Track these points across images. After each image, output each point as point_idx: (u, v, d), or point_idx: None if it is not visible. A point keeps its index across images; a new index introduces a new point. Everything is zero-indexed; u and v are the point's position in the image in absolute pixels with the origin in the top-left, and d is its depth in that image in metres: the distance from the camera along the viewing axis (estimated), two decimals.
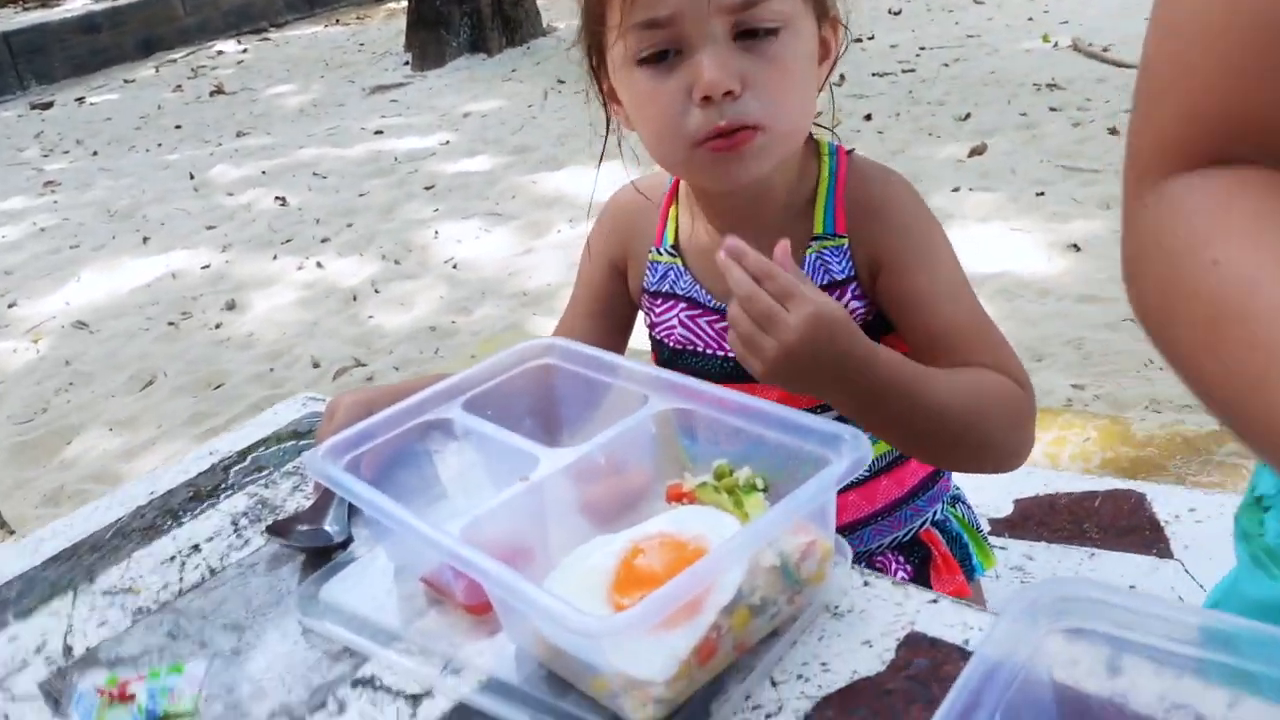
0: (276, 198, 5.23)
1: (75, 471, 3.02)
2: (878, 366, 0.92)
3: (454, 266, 4.12)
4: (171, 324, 3.93)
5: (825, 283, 1.07)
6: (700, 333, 1.13)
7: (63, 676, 0.88)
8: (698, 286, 1.13)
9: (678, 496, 0.90)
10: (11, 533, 2.76)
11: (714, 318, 1.12)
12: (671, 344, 1.16)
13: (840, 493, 0.81)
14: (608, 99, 1.10)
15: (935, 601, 0.83)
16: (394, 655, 0.84)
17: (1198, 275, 0.59)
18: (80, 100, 8.55)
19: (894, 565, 1.19)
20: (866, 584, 0.86)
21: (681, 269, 1.15)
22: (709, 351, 1.13)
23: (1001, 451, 1.00)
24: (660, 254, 1.17)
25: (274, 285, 4.17)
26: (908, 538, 1.21)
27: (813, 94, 1.05)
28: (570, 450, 0.90)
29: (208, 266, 4.44)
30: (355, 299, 3.95)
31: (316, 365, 3.43)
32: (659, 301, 1.17)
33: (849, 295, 1.07)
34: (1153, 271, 0.64)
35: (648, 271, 1.18)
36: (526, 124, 5.99)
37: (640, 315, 1.25)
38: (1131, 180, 0.67)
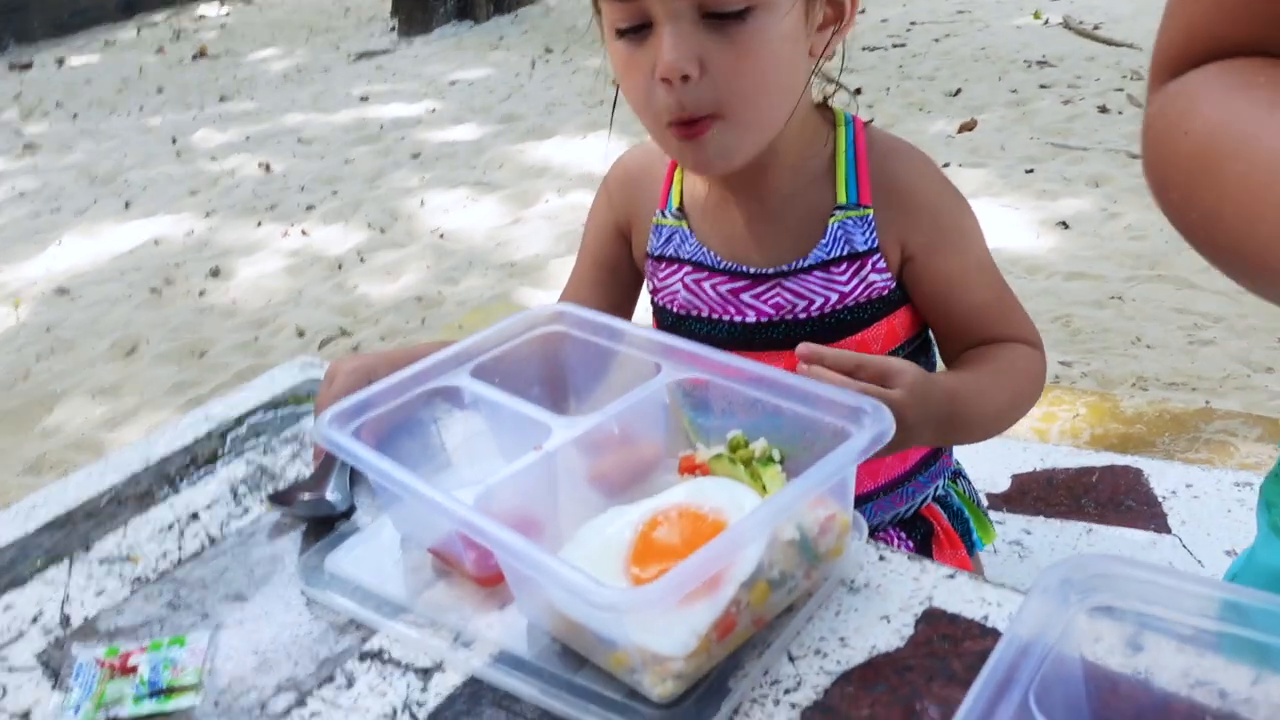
0: (260, 164, 5.17)
1: (57, 440, 2.98)
2: (957, 401, 0.96)
3: (441, 236, 4.08)
4: (154, 290, 3.87)
5: (846, 253, 1.05)
6: (704, 296, 1.11)
7: (61, 647, 0.85)
8: (703, 249, 1.11)
9: (691, 468, 0.89)
10: None
11: (719, 279, 1.10)
12: (675, 309, 1.13)
13: None
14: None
15: (952, 577, 0.82)
16: (402, 627, 0.83)
17: (1179, 143, 0.67)
18: (60, 62, 8.40)
19: (896, 541, 1.19)
20: (882, 558, 0.85)
21: (687, 231, 1.12)
22: (713, 316, 1.10)
23: (1025, 410, 1.07)
24: (665, 217, 1.14)
25: (258, 252, 4.12)
26: (910, 513, 1.21)
27: (792, 77, 0.99)
28: (583, 419, 0.88)
29: (191, 233, 4.39)
30: (340, 267, 3.90)
31: (301, 334, 3.40)
32: (663, 265, 1.14)
33: (869, 267, 1.06)
34: (1150, 157, 0.70)
35: (652, 235, 1.15)
36: (514, 92, 5.93)
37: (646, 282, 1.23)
38: (1149, 87, 0.74)
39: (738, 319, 1.09)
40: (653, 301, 1.18)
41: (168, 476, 1.09)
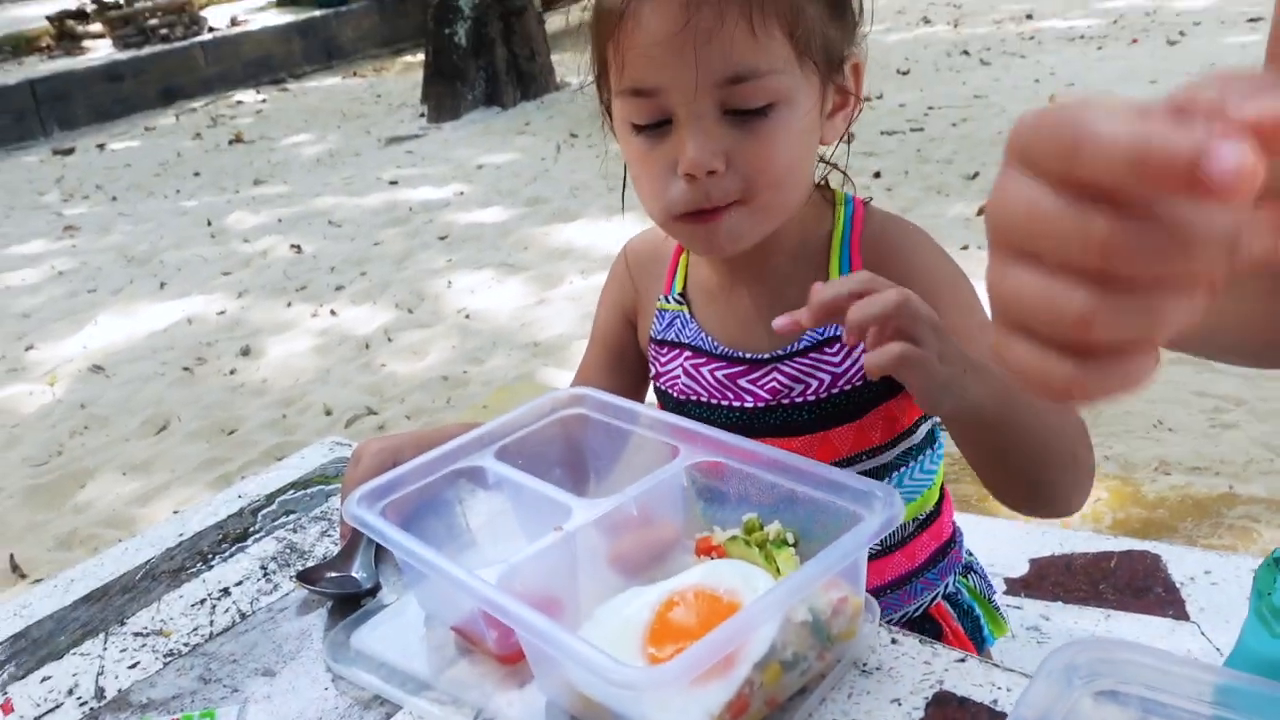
0: (292, 245, 5.29)
1: (88, 516, 3.02)
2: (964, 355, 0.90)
3: (467, 316, 4.15)
4: (186, 369, 3.95)
5: (838, 332, 1.04)
6: (703, 381, 1.11)
7: (95, 719, 0.88)
8: (702, 334, 1.12)
9: (707, 550, 0.91)
10: (23, 577, 2.76)
11: (717, 364, 1.11)
12: (675, 394, 1.14)
13: None
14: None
15: (963, 660, 0.83)
16: (425, 704, 0.85)
17: None
18: (101, 147, 8.67)
19: None
20: (894, 641, 0.86)
21: (688, 317, 1.14)
22: (712, 401, 1.11)
23: (1081, 469, 0.98)
24: (668, 302, 1.16)
25: (288, 332, 4.20)
26: (918, 613, 1.18)
27: (808, 165, 1.02)
28: (603, 501, 0.91)
29: (223, 312, 4.48)
30: (368, 347, 3.97)
31: (329, 413, 3.45)
32: (664, 350, 1.15)
33: (861, 347, 1.03)
34: None
35: (655, 319, 1.17)
36: (539, 176, 6.07)
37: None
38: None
39: (736, 404, 1.09)
40: (655, 386, 1.19)
41: (200, 552, 1.13)
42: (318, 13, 11.87)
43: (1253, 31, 7.11)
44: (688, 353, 1.13)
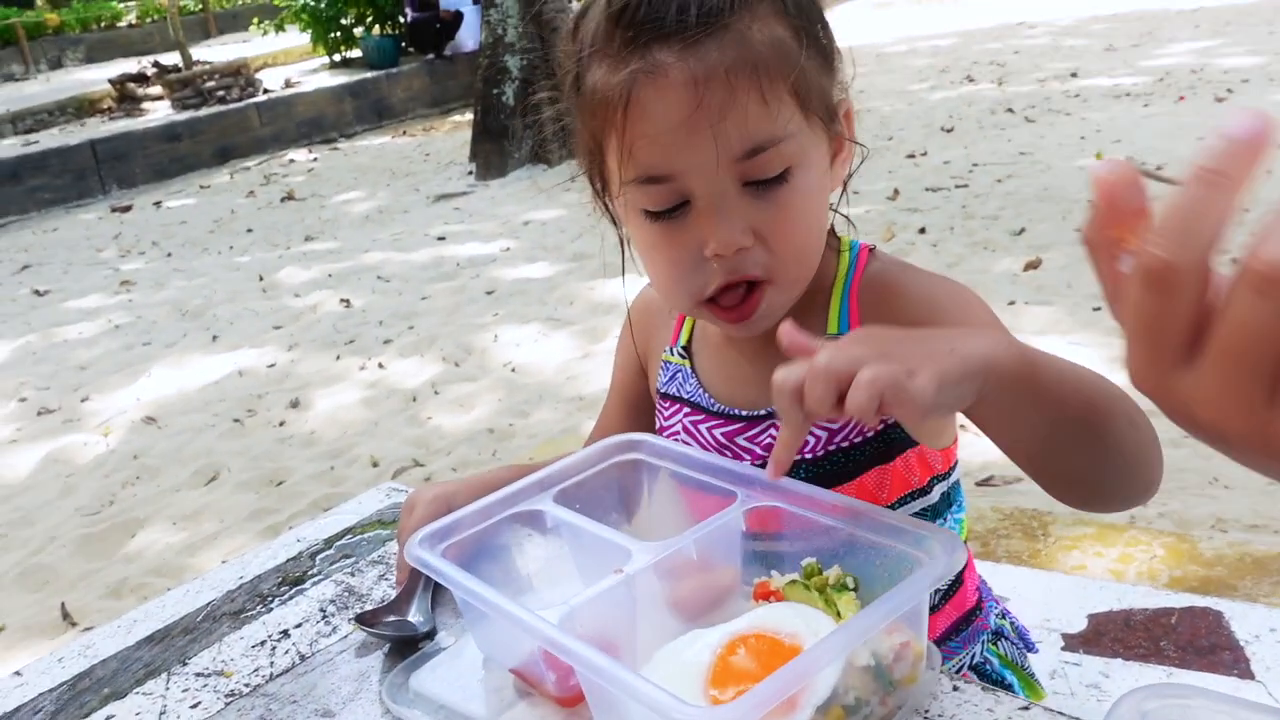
0: (341, 300, 5.38)
1: (138, 565, 3.06)
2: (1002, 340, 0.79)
3: (512, 370, 4.19)
4: (237, 421, 4.01)
5: None
6: (702, 439, 1.09)
7: None
8: (701, 390, 1.10)
9: (766, 595, 0.91)
10: (74, 624, 2.79)
11: (715, 422, 1.08)
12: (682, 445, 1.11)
13: None
14: (618, 220, 1.05)
15: (1027, 709, 0.82)
16: None
17: None
18: (158, 204, 8.91)
19: None
20: (956, 689, 0.85)
21: (689, 371, 1.12)
22: None
23: (1144, 433, 0.85)
24: (673, 354, 1.15)
25: (337, 385, 4.26)
26: None
27: (824, 219, 0.99)
28: (662, 544, 0.91)
29: (273, 365, 4.56)
30: (415, 400, 4.01)
31: (376, 464, 3.48)
32: (667, 404, 1.14)
33: None
34: None
35: (661, 371, 1.16)
36: (585, 232, 6.13)
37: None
38: None
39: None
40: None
41: (260, 595, 1.14)
42: (369, 74, 12.18)
43: None
44: (688, 409, 1.11)
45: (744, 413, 1.07)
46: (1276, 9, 10.59)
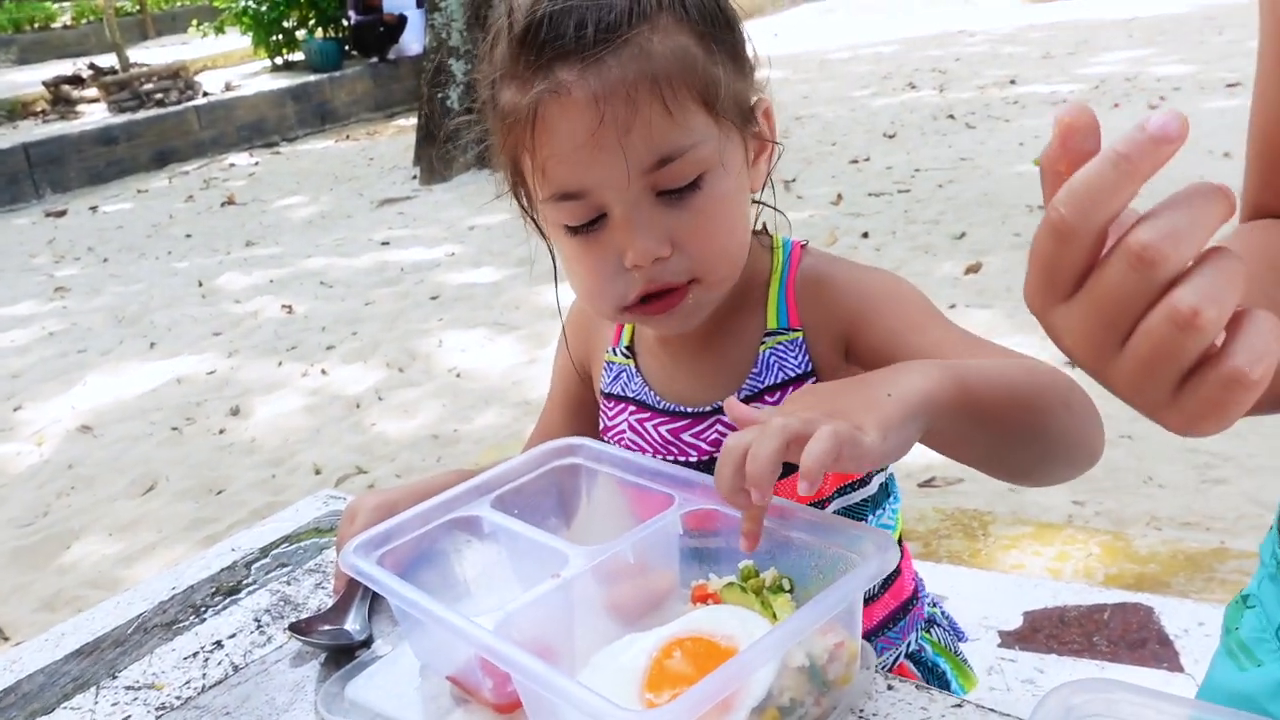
0: (283, 305, 5.31)
1: (73, 577, 2.99)
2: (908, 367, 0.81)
3: (457, 375, 4.16)
4: (175, 429, 3.94)
5: (780, 380, 1.04)
6: (648, 437, 1.11)
7: None
8: (646, 388, 1.11)
9: (703, 597, 0.91)
10: (5, 639, 2.72)
11: (660, 420, 1.10)
12: (622, 449, 1.11)
13: None
14: (546, 232, 1.06)
15: (960, 706, 0.83)
16: None
17: None
18: (94, 209, 8.72)
19: None
20: (890, 688, 0.86)
21: (634, 370, 1.13)
22: (656, 457, 1.10)
23: (1091, 423, 0.88)
24: (615, 355, 1.16)
25: (278, 392, 4.20)
26: None
27: (745, 219, 1.00)
28: (599, 549, 0.91)
29: (213, 372, 4.48)
30: (359, 406, 3.97)
31: (318, 472, 3.44)
32: (612, 404, 1.15)
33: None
34: None
35: (604, 371, 1.17)
36: (530, 237, 6.11)
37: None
38: None
39: (680, 460, 1.08)
40: (604, 440, 1.17)
41: (193, 605, 1.12)
42: (311, 77, 12.04)
43: (1231, 97, 7.26)
44: (633, 407, 1.12)
45: (689, 409, 1.08)
46: (1207, 19, 10.88)
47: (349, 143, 10.77)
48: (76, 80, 12.21)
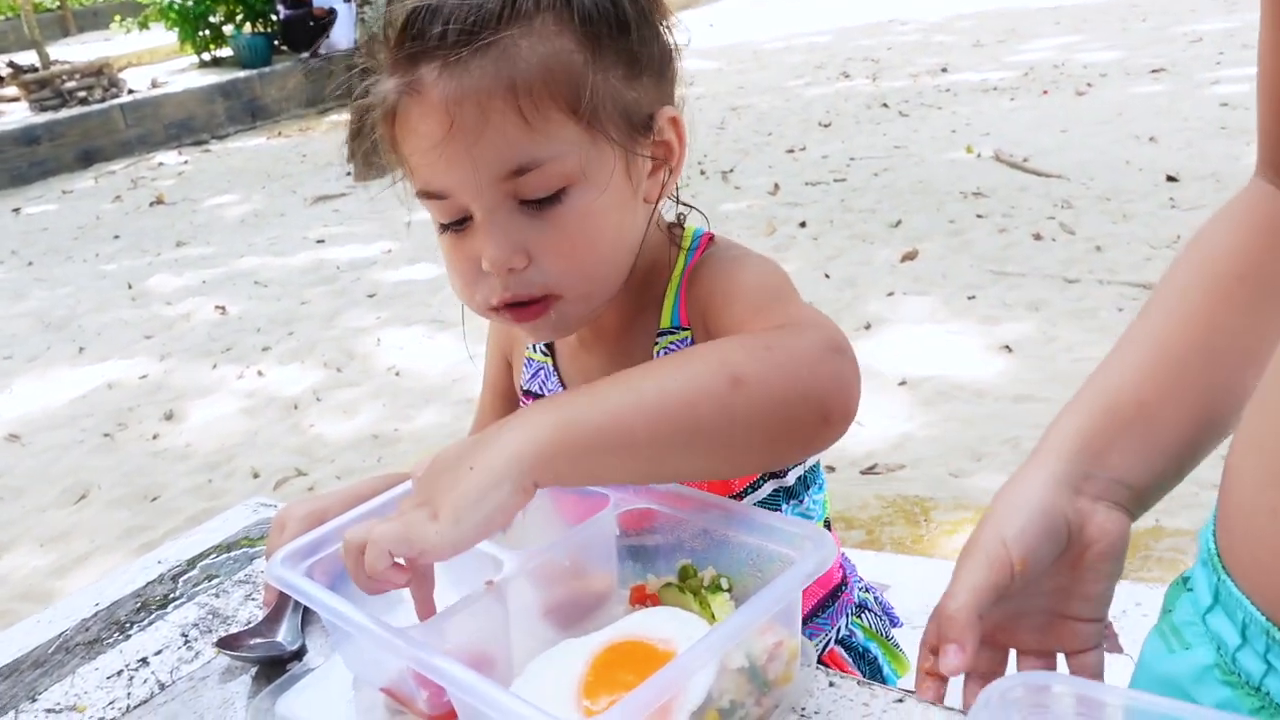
0: (216, 307, 5.20)
1: (3, 591, 2.90)
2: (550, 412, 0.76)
3: (397, 374, 4.11)
4: (107, 435, 3.84)
5: None
6: None
7: None
8: (561, 387, 1.11)
9: (642, 599, 0.90)
10: None
11: None
12: None
13: None
14: None
15: (901, 701, 0.83)
16: None
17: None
18: (16, 211, 8.47)
19: None
20: (832, 684, 0.86)
21: (550, 368, 1.13)
22: None
23: (792, 385, 0.80)
24: (535, 351, 1.14)
25: (213, 395, 4.11)
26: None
27: (620, 234, 0.94)
28: (534, 553, 0.89)
29: (145, 376, 4.37)
30: (296, 408, 3.90)
31: (256, 476, 3.37)
32: (530, 401, 1.14)
33: None
34: None
35: (524, 368, 1.16)
36: None
37: None
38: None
39: None
40: None
41: (117, 622, 1.08)
42: (241, 74, 11.81)
43: (1155, 82, 7.42)
44: None
45: None
46: (1131, 6, 11.12)
47: (281, 139, 10.59)
48: None
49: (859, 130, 7.28)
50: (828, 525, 1.16)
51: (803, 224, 5.21)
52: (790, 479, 1.09)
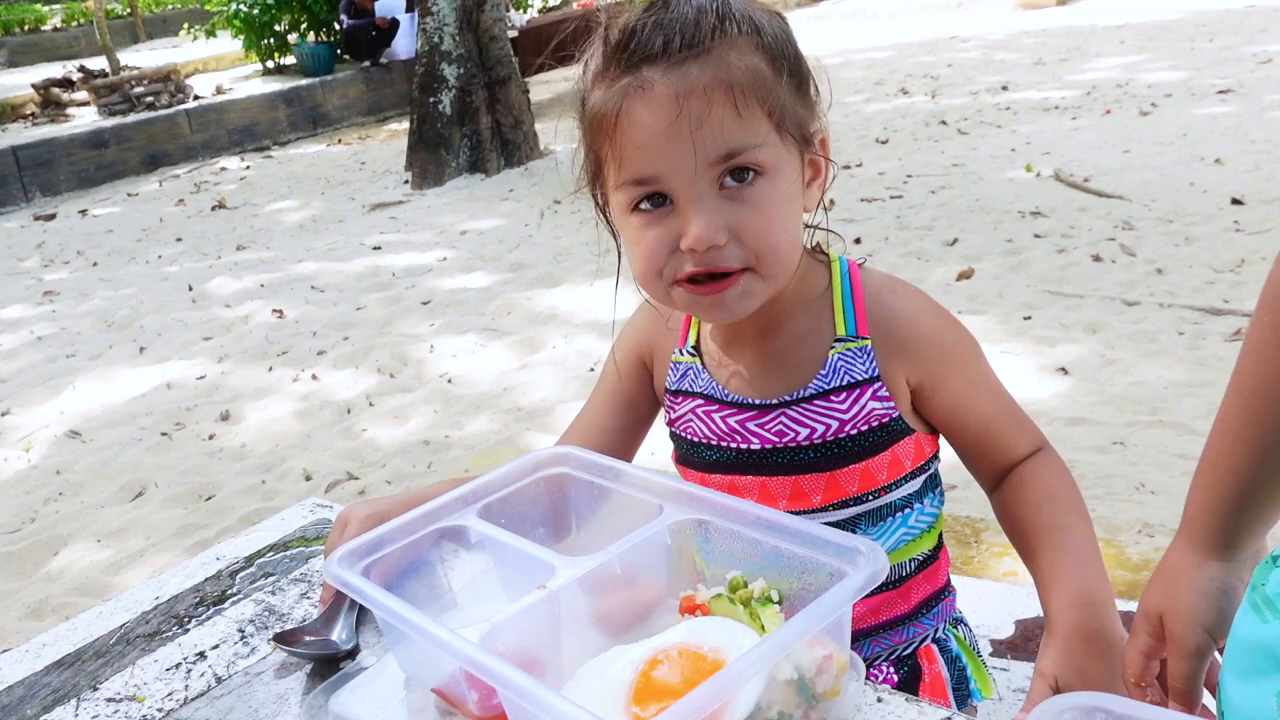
0: (274, 310, 5.28)
1: (61, 584, 2.97)
2: (1092, 588, 1.06)
3: (449, 381, 4.14)
4: (165, 434, 3.92)
5: (846, 382, 1.12)
6: (714, 426, 1.18)
7: None
8: (714, 383, 1.20)
9: (691, 609, 0.90)
10: None
11: (728, 411, 1.17)
12: (688, 437, 1.21)
13: None
14: (616, 234, 1.17)
15: (949, 719, 0.82)
16: None
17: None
18: (83, 212, 8.68)
19: (881, 677, 1.20)
20: (880, 700, 0.86)
21: (700, 368, 1.21)
22: (722, 444, 1.18)
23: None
24: (682, 355, 1.24)
25: (269, 397, 4.18)
26: (907, 651, 1.22)
27: (798, 230, 1.10)
28: (587, 559, 0.90)
29: (203, 377, 4.46)
30: (349, 412, 3.95)
31: (309, 478, 3.42)
32: (679, 399, 1.23)
33: (869, 395, 1.12)
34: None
35: (671, 371, 1.25)
36: (523, 242, 6.11)
37: (661, 412, 1.31)
38: None
39: (744, 446, 1.16)
40: (670, 431, 1.26)
41: (177, 616, 1.11)
42: (303, 81, 12.01)
43: (1221, 103, 7.29)
44: (700, 400, 1.21)
45: (755, 401, 1.16)
46: (1198, 26, 10.93)
47: (341, 147, 10.75)
48: (66, 83, 12.17)
49: (917, 147, 7.23)
50: (939, 534, 1.25)
51: (857, 240, 5.18)
52: (924, 478, 1.20)
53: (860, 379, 1.12)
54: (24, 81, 12.77)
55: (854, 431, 1.12)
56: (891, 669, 1.21)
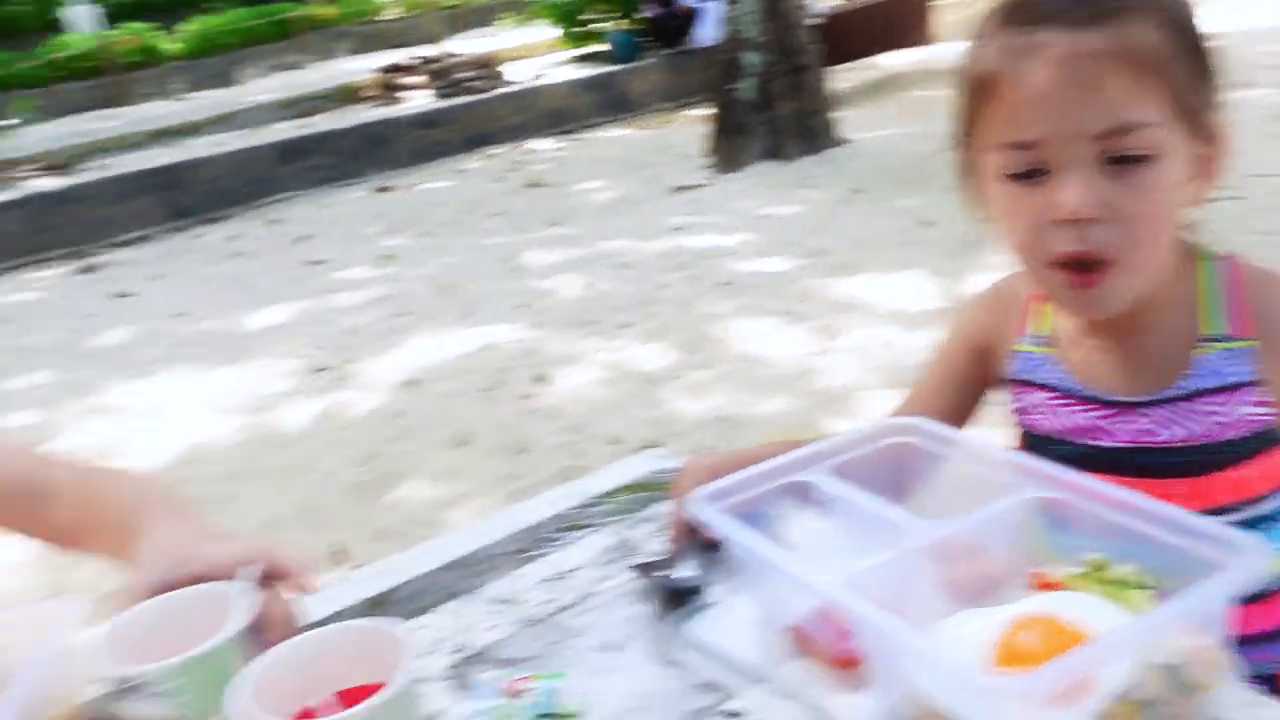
0: (583, 283, 5.59)
1: (399, 513, 3.33)
2: None
3: (747, 361, 4.24)
4: (485, 390, 4.27)
5: (1215, 385, 1.06)
6: (1065, 421, 1.16)
7: (464, 665, 1.00)
8: (1066, 376, 1.16)
9: (1046, 585, 0.91)
10: (349, 558, 3.05)
11: (1080, 405, 1.14)
12: (1037, 431, 1.19)
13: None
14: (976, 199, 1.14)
15: None
16: (761, 695, 0.89)
17: None
18: (415, 186, 9.51)
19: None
20: (1255, 705, 0.82)
21: (1052, 359, 1.18)
22: (1074, 440, 1.15)
23: None
24: (1027, 343, 1.20)
25: (578, 364, 4.45)
26: (1271, 671, 1.13)
27: (1174, 226, 1.05)
28: (940, 525, 0.93)
29: (520, 341, 4.80)
30: (652, 383, 4.14)
31: (617, 441, 3.62)
32: (1027, 390, 1.20)
33: (1243, 400, 1.06)
34: None
35: (1015, 359, 1.22)
36: (822, 229, 6.11)
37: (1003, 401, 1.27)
38: None
39: (1102, 444, 1.12)
40: (1017, 422, 1.23)
41: (546, 538, 1.24)
42: (610, 68, 12.52)
43: None
44: (1049, 392, 1.17)
45: (1111, 399, 1.12)
46: None
47: (642, 132, 11.13)
48: (405, 69, 13.32)
49: (1258, 144, 6.57)
50: None
51: None
52: None
53: (1233, 382, 1.06)
54: (364, 67, 14.09)
55: (1231, 437, 1.06)
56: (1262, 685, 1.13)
